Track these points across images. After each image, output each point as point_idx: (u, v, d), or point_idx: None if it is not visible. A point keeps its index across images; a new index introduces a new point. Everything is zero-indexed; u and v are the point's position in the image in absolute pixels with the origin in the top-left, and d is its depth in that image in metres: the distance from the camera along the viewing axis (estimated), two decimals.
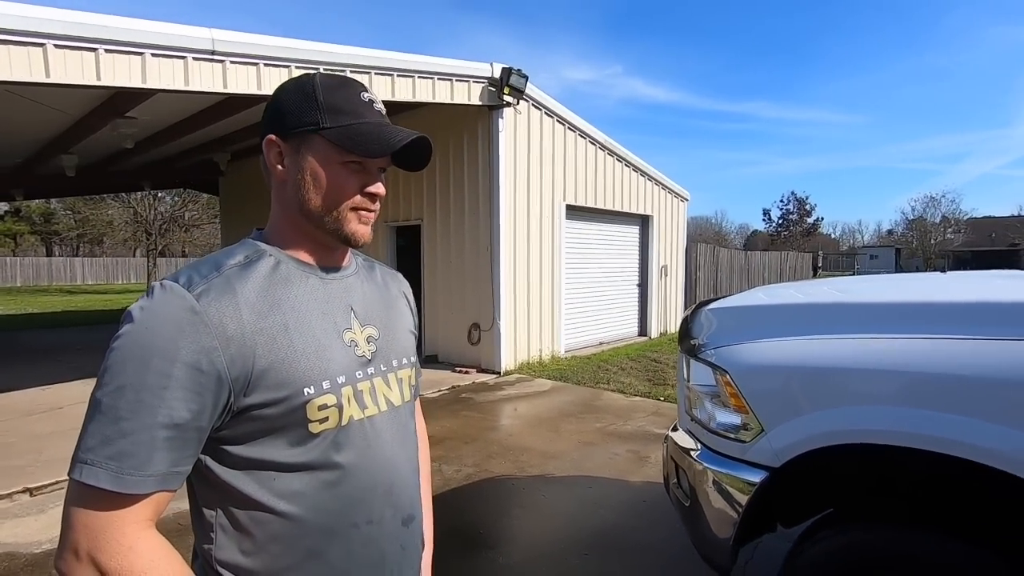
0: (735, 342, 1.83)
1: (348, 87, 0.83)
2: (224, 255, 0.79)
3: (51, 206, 32.28)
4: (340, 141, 0.79)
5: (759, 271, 15.02)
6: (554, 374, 6.86)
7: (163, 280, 0.73)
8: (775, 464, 1.62)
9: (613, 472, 3.76)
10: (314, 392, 0.76)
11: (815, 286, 2.31)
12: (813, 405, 1.55)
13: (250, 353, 0.72)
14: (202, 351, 0.69)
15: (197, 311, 0.70)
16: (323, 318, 0.81)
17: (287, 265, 0.82)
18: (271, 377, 0.73)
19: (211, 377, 0.69)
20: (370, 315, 0.89)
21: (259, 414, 0.74)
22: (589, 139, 8.53)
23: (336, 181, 0.81)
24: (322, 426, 0.77)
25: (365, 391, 0.84)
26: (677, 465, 2.05)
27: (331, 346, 0.80)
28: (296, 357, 0.76)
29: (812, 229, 46.92)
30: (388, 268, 1.05)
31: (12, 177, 9.77)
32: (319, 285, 0.84)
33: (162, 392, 0.67)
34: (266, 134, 0.82)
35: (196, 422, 0.69)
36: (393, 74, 5.65)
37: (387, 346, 0.90)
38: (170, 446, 0.67)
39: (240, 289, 0.74)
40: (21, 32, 3.49)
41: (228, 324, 0.71)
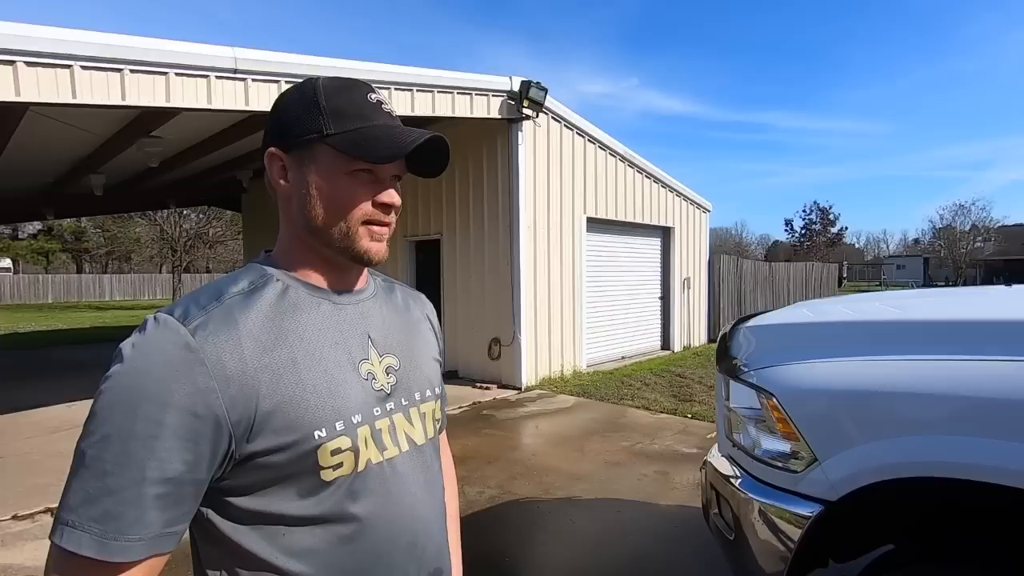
0: (781, 362, 1.70)
1: (353, 88, 0.74)
2: (227, 282, 0.71)
3: (82, 224, 33.21)
4: (346, 148, 0.70)
5: (783, 283, 14.69)
6: (576, 390, 6.71)
7: (158, 313, 0.65)
8: (831, 497, 1.49)
9: (642, 495, 3.61)
10: (326, 435, 0.67)
11: (866, 302, 2.17)
12: (875, 433, 1.42)
13: (253, 393, 0.63)
14: (198, 393, 0.60)
15: (192, 348, 0.61)
16: (336, 349, 0.72)
17: (296, 290, 0.73)
18: (277, 420, 0.65)
19: (208, 423, 0.61)
20: (390, 343, 0.80)
21: (265, 462, 0.65)
22: (609, 151, 8.45)
23: (344, 193, 0.72)
24: (336, 473, 0.68)
25: (384, 430, 0.74)
26: (718, 493, 1.92)
27: (346, 381, 0.71)
28: (305, 396, 0.67)
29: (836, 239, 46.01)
30: (409, 289, 0.96)
31: (43, 196, 10.02)
32: (332, 311, 0.75)
33: (152, 442, 0.58)
34: (268, 147, 0.74)
35: (192, 474, 0.61)
36: (412, 89, 5.65)
37: (408, 377, 0.80)
38: (162, 504, 0.59)
39: (242, 320, 0.66)
40: (49, 55, 3.54)
41: (228, 361, 0.63)
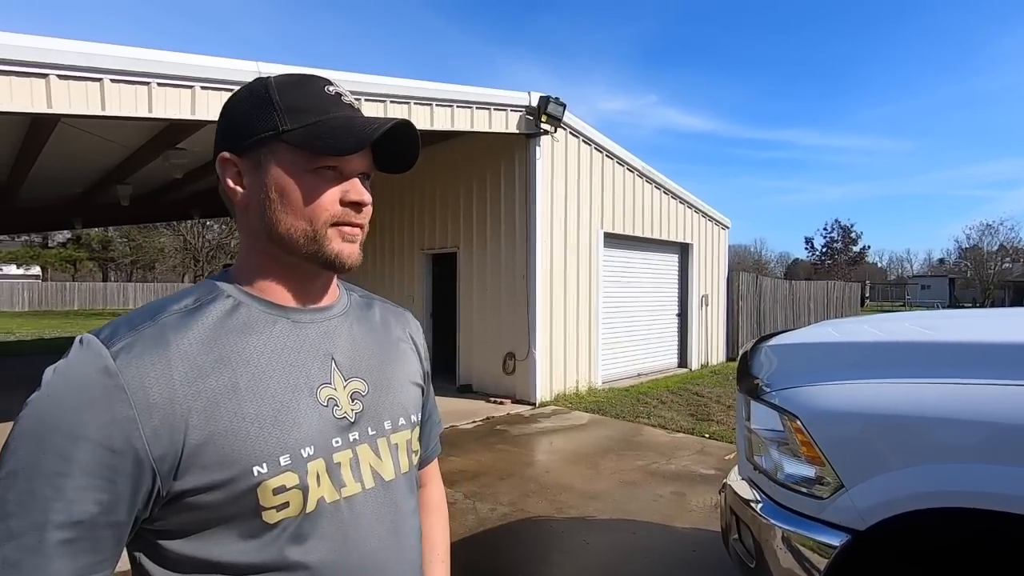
0: (804, 383, 1.65)
1: (309, 83, 0.67)
2: (172, 299, 0.65)
3: (108, 234, 34.04)
4: (306, 143, 0.64)
5: (804, 301, 14.44)
6: (591, 407, 6.62)
7: (85, 334, 0.59)
8: (859, 527, 1.42)
9: (658, 516, 3.51)
10: (267, 471, 0.59)
11: (894, 322, 2.10)
12: (908, 460, 1.36)
13: (181, 423, 0.56)
14: (114, 424, 0.53)
15: (111, 372, 0.55)
16: (290, 372, 0.65)
17: (249, 308, 0.66)
18: (209, 454, 0.57)
19: (127, 457, 0.54)
20: (358, 365, 0.71)
21: (196, 501, 0.57)
22: (627, 166, 8.43)
23: (308, 192, 0.65)
24: (280, 514, 0.60)
25: (344, 463, 0.66)
26: (738, 518, 1.85)
27: (298, 408, 0.63)
28: (245, 426, 0.59)
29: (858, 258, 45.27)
30: (392, 305, 0.87)
31: (72, 206, 10.28)
32: (290, 330, 0.67)
33: (59, 480, 0.51)
34: (219, 152, 0.68)
35: (108, 516, 0.53)
36: (432, 104, 5.70)
37: (378, 404, 0.72)
38: (70, 551, 0.52)
39: (176, 341, 0.59)
40: (80, 68, 3.64)
41: (152, 387, 0.56)
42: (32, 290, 29.40)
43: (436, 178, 8.07)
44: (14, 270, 35.45)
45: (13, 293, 28.59)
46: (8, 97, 3.45)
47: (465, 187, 7.74)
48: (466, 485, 4.03)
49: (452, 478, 4.17)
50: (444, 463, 4.62)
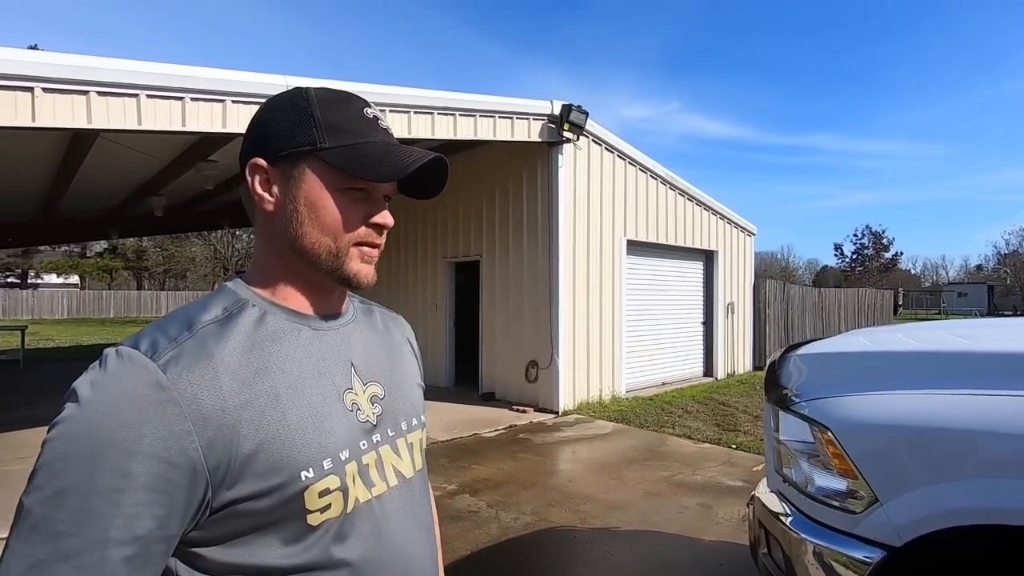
0: (836, 394, 1.61)
1: (349, 102, 0.69)
2: (198, 308, 0.64)
3: (143, 244, 35.13)
4: (343, 164, 0.65)
5: (833, 309, 14.09)
6: (615, 415, 6.55)
7: (119, 346, 0.57)
8: (895, 543, 1.37)
9: (684, 528, 3.45)
10: (314, 475, 0.61)
11: (930, 331, 2.04)
12: (949, 474, 1.31)
13: (233, 433, 0.57)
14: (171, 438, 0.53)
15: (164, 386, 0.54)
16: (319, 379, 0.66)
17: (275, 317, 0.67)
18: (260, 461, 0.58)
19: (183, 471, 0.54)
20: (373, 370, 0.74)
21: (245, 509, 0.58)
22: (650, 173, 8.37)
23: (337, 211, 0.67)
24: (323, 516, 0.62)
25: (371, 464, 0.68)
26: (767, 532, 1.81)
27: (331, 414, 0.65)
28: (290, 433, 0.60)
29: (890, 264, 44.01)
30: (388, 311, 0.90)
31: (109, 218, 10.65)
32: (313, 339, 0.69)
33: (118, 496, 0.51)
34: (250, 157, 0.68)
35: (163, 531, 0.53)
36: (455, 113, 5.76)
37: (394, 406, 0.75)
38: (130, 567, 0.51)
39: (219, 352, 0.59)
40: (118, 84, 3.78)
41: (204, 399, 0.56)
42: (71, 298, 30.47)
43: (459, 187, 8.13)
44: (54, 279, 36.81)
45: (53, 301, 29.67)
46: (52, 114, 3.60)
47: (488, 195, 7.78)
48: (489, 494, 4.02)
49: (475, 486, 4.17)
50: (467, 471, 4.62)
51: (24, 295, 29.38)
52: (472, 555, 3.10)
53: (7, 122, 3.48)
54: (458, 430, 5.81)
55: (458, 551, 3.13)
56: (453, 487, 4.17)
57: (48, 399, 7.35)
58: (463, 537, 3.31)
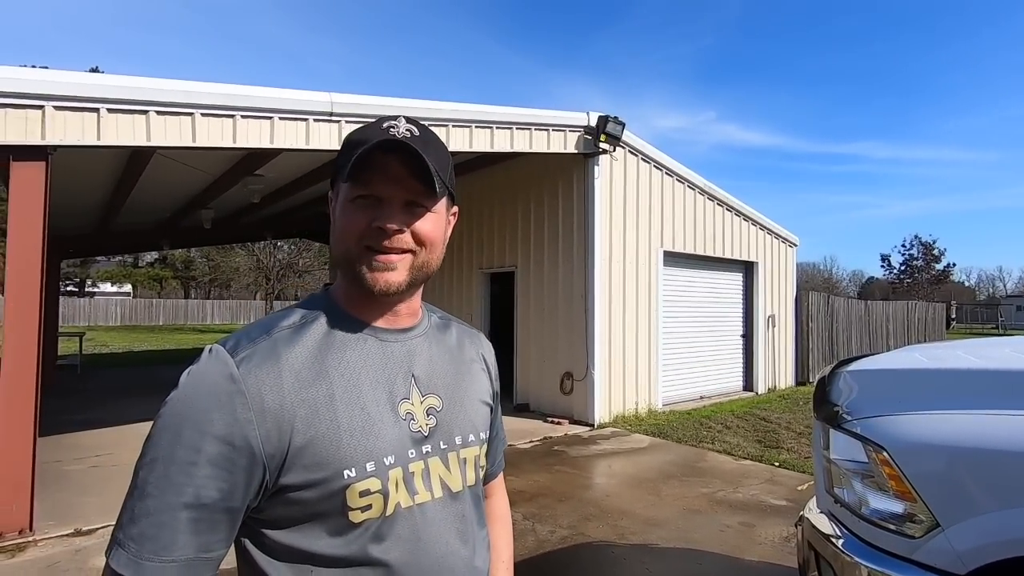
0: (891, 412, 1.55)
1: (373, 124, 0.73)
2: (281, 315, 0.73)
3: (191, 254, 36.59)
4: (340, 172, 0.71)
5: (881, 323, 13.53)
6: (651, 429, 6.44)
7: (214, 344, 0.67)
8: (959, 571, 1.31)
9: (725, 547, 3.36)
10: (355, 475, 0.66)
11: (992, 348, 1.94)
12: (1014, 499, 1.24)
13: (288, 427, 0.64)
14: (236, 424, 0.62)
15: (235, 379, 0.63)
16: (377, 387, 0.71)
17: (345, 326, 0.73)
18: (309, 455, 0.65)
19: (244, 453, 0.62)
20: (434, 383, 0.77)
21: (296, 496, 0.65)
22: (688, 184, 8.27)
23: (345, 220, 0.72)
24: (364, 515, 0.67)
25: (417, 473, 0.72)
26: (818, 554, 1.75)
27: (382, 420, 0.70)
28: (339, 434, 0.66)
29: (942, 276, 41.98)
30: (468, 328, 0.92)
31: (161, 230, 11.15)
32: (377, 349, 0.74)
33: (190, 468, 0.60)
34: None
35: (226, 502, 0.62)
36: (492, 127, 5.83)
37: (450, 420, 0.77)
38: (195, 528, 0.60)
39: (286, 355, 0.67)
40: (177, 104, 3.99)
41: (266, 394, 0.64)
42: (124, 306, 31.94)
43: (495, 198, 8.21)
44: (109, 288, 38.68)
45: (108, 309, 31.17)
46: (115, 133, 3.82)
47: (523, 206, 7.82)
48: (524, 506, 4.00)
49: (511, 498, 4.14)
50: None
51: (81, 303, 30.95)
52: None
53: (76, 141, 3.71)
54: None
55: None
56: None
57: (103, 403, 7.71)
58: None
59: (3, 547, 3.25)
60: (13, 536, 3.34)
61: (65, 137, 3.66)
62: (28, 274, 3.48)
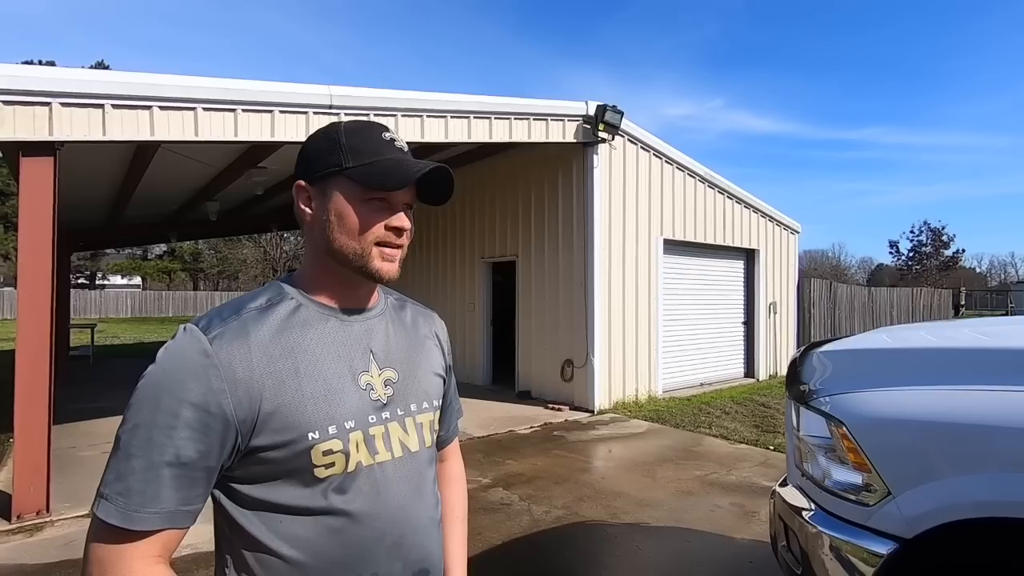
0: (853, 389, 1.63)
1: (370, 130, 0.84)
2: (249, 298, 0.82)
3: (199, 246, 36.90)
4: (361, 178, 0.80)
5: (885, 309, 13.52)
6: (650, 415, 6.55)
7: (188, 323, 0.76)
8: (906, 535, 1.40)
9: (715, 526, 3.46)
10: (319, 437, 0.76)
11: (952, 328, 2.02)
12: (957, 468, 1.33)
13: (257, 396, 0.73)
14: (210, 393, 0.71)
15: (209, 354, 0.72)
16: (338, 361, 0.81)
17: (308, 308, 0.82)
18: (276, 420, 0.74)
19: (218, 419, 0.71)
20: (391, 357, 0.87)
21: (266, 456, 0.74)
22: (688, 172, 8.29)
23: (360, 219, 0.81)
24: (328, 471, 0.77)
25: (378, 436, 0.82)
26: (787, 526, 1.84)
27: (343, 390, 0.80)
28: (303, 401, 0.76)
29: (951, 262, 41.59)
30: (422, 308, 1.03)
31: (168, 222, 11.31)
32: (338, 327, 0.83)
33: (170, 432, 0.69)
34: (296, 180, 0.85)
35: (203, 462, 0.71)
36: (491, 117, 5.89)
37: (406, 389, 0.88)
38: (177, 484, 0.69)
39: (254, 333, 0.76)
40: (179, 99, 4.08)
41: (237, 367, 0.73)
42: (134, 298, 32.35)
43: (495, 188, 8.27)
44: (119, 280, 39.14)
45: (118, 301, 31.58)
46: (120, 128, 3.92)
47: (524, 196, 7.89)
48: (521, 488, 4.12)
49: (508, 481, 4.28)
50: (501, 466, 4.73)
51: (92, 295, 31.38)
52: (503, 545, 3.21)
53: (83, 136, 3.82)
54: (494, 427, 5.94)
55: (490, 541, 3.25)
56: (487, 481, 4.29)
57: (115, 392, 7.90)
58: (495, 528, 3.42)
59: (23, 527, 3.42)
60: (31, 517, 3.51)
61: (72, 133, 3.76)
62: (39, 266, 3.61)
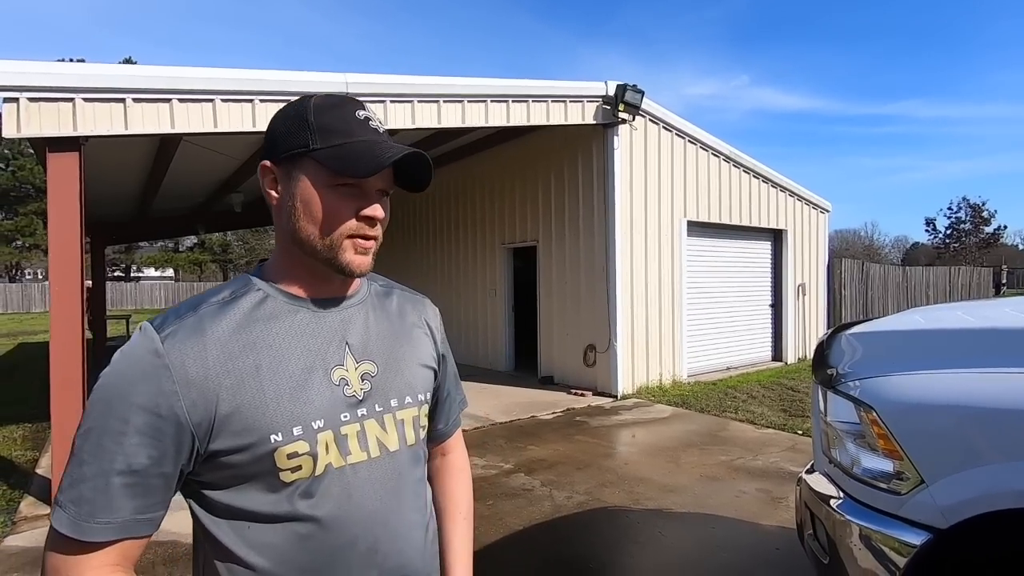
0: (884, 373, 1.56)
1: (343, 106, 0.76)
2: (212, 291, 0.76)
3: (227, 238, 37.72)
4: (329, 162, 0.72)
5: (920, 289, 13.06)
6: (675, 400, 6.47)
7: (144, 322, 0.72)
8: (940, 525, 1.33)
9: (740, 512, 3.40)
10: (282, 439, 0.70)
11: (991, 308, 1.91)
12: (996, 455, 1.25)
13: (213, 397, 0.68)
14: (161, 395, 0.66)
15: (159, 354, 0.67)
16: (307, 356, 0.75)
17: (275, 300, 0.76)
18: (235, 422, 0.69)
19: (170, 422, 0.66)
20: (370, 349, 0.81)
21: (227, 460, 0.70)
22: (712, 151, 8.08)
23: (328, 206, 0.73)
24: (294, 475, 0.71)
25: (351, 435, 0.76)
26: (813, 514, 1.78)
27: (311, 386, 0.74)
28: (264, 401, 0.70)
29: (992, 240, 39.95)
30: (411, 294, 0.94)
31: (196, 215, 11.54)
32: (310, 319, 0.77)
33: (120, 438, 0.65)
34: (262, 160, 0.78)
35: (157, 468, 0.66)
36: (508, 100, 5.80)
37: (386, 383, 0.81)
38: (130, 492, 0.65)
39: (211, 329, 0.71)
40: (198, 91, 4.11)
41: (190, 367, 0.68)
42: (166, 289, 33.32)
43: (515, 173, 8.19)
44: (152, 272, 40.33)
45: (152, 292, 32.56)
46: (141, 121, 3.97)
47: (543, 180, 7.80)
48: (543, 473, 4.12)
49: (531, 466, 4.28)
50: (523, 452, 4.73)
51: (127, 287, 32.41)
52: (525, 531, 3.21)
53: (106, 130, 3.88)
54: (516, 413, 5.94)
55: (511, 527, 3.25)
56: (509, 466, 4.29)
57: None
58: (516, 513, 3.43)
59: None
60: None
61: (96, 127, 3.83)
62: (69, 259, 3.71)
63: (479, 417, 5.74)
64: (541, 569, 2.82)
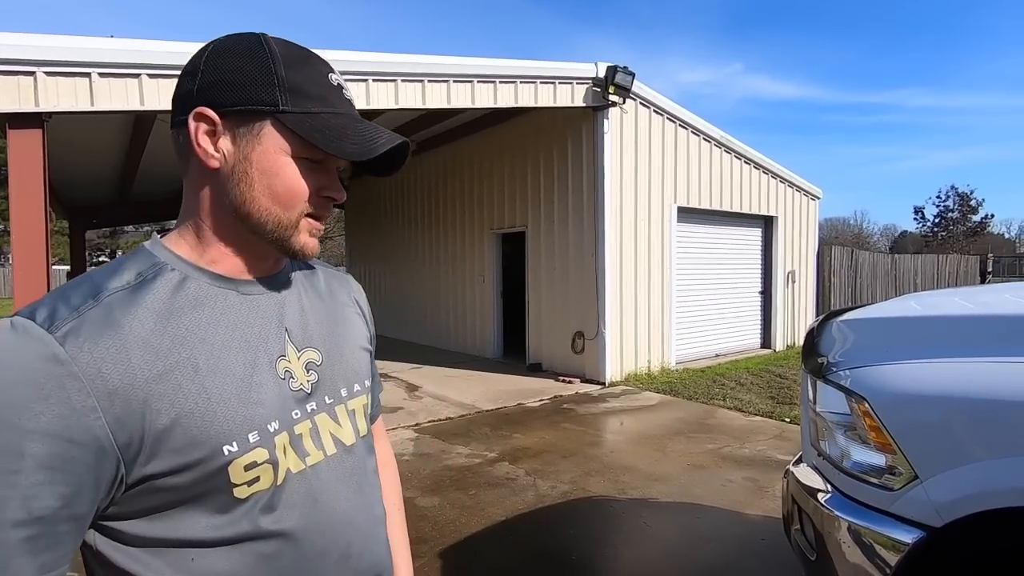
0: (877, 362, 1.47)
1: (311, 63, 0.64)
2: (107, 273, 0.59)
3: None
4: (307, 133, 0.61)
5: (908, 277, 13.12)
6: (663, 387, 6.42)
7: (14, 316, 0.53)
8: (934, 523, 1.26)
9: (726, 502, 3.35)
10: (238, 449, 0.58)
11: (990, 294, 1.83)
12: (996, 450, 1.18)
13: (143, 408, 0.53)
14: (72, 415, 0.50)
15: (62, 360, 0.51)
16: (247, 348, 0.62)
17: (196, 282, 0.62)
18: (177, 437, 0.55)
19: (87, 448, 0.51)
20: (310, 335, 0.70)
21: (163, 484, 0.55)
22: (703, 136, 7.97)
23: (293, 180, 0.63)
24: (251, 489, 0.59)
25: (305, 434, 0.65)
26: (800, 508, 1.71)
27: (259, 383, 0.62)
28: (210, 406, 0.57)
29: (979, 228, 40.26)
30: (333, 270, 0.85)
31: (177, 199, 11.26)
32: (241, 304, 0.64)
33: (13, 478, 0.48)
34: (195, 105, 0.60)
35: (69, 509, 0.51)
36: (495, 81, 5.65)
37: (333, 372, 0.71)
38: (32, 548, 0.49)
39: (127, 322, 0.55)
40: (170, 66, 3.91)
41: (110, 374, 0.52)
42: None
43: (503, 157, 8.05)
44: None
45: None
46: (108, 97, 3.80)
47: (532, 165, 7.66)
48: (528, 462, 4.05)
49: (515, 455, 4.21)
50: (508, 440, 4.66)
51: None
52: (507, 521, 3.14)
53: (71, 107, 3.71)
54: (503, 400, 5.87)
55: (493, 517, 3.18)
56: (493, 455, 4.22)
57: None
58: (499, 503, 3.36)
59: None
60: None
61: (59, 103, 3.65)
62: (33, 241, 3.55)
63: (465, 405, 5.66)
64: (523, 561, 2.75)
